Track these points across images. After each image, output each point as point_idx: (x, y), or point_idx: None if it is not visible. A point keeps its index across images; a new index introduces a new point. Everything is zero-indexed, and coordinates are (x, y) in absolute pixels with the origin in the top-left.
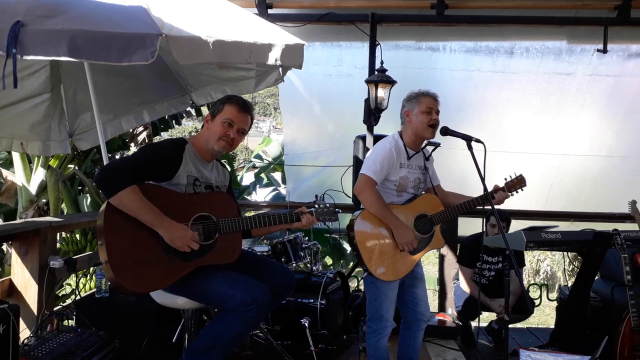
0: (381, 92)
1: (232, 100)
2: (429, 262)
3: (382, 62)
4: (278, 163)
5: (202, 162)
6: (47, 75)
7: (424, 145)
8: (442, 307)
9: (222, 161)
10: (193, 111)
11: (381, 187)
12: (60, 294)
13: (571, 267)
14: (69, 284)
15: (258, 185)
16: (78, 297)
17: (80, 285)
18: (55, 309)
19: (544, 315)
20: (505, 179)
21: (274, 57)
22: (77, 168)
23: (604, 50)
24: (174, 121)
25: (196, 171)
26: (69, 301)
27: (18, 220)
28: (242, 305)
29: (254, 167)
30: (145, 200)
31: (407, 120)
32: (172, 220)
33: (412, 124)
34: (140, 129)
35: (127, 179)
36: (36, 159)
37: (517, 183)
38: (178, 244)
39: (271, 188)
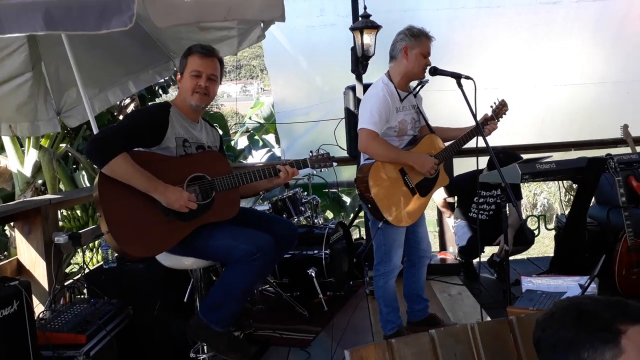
0: (367, 39)
1: (193, 50)
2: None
3: (365, 8)
4: (270, 123)
5: (189, 122)
6: (26, 53)
7: (415, 85)
8: (443, 247)
9: (215, 125)
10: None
11: (382, 135)
12: (70, 272)
13: (567, 197)
14: (77, 263)
15: (253, 149)
16: (87, 271)
17: (87, 259)
18: (66, 283)
19: (543, 247)
20: (491, 106)
21: (253, 12)
22: (69, 146)
23: None
24: (160, 90)
25: (184, 132)
26: (78, 276)
27: (17, 201)
28: (247, 255)
29: (247, 131)
30: (138, 167)
31: (404, 56)
32: (167, 184)
33: (408, 61)
34: (128, 100)
35: (117, 147)
36: (27, 140)
37: (502, 108)
38: (176, 205)
39: (266, 150)
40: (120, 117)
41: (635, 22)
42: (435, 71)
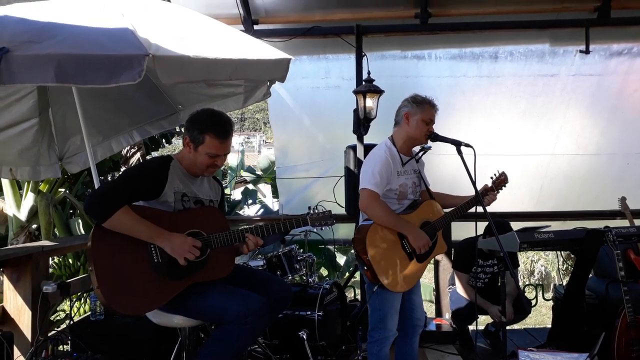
0: (369, 102)
1: (211, 131)
2: None
3: (369, 73)
4: (267, 175)
5: (189, 177)
6: (34, 100)
7: (418, 150)
8: (438, 313)
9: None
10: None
11: (383, 197)
12: (54, 320)
13: (565, 266)
14: (63, 310)
15: (250, 201)
16: (72, 322)
17: (75, 310)
18: (49, 334)
19: (541, 316)
20: (492, 178)
21: (257, 72)
22: (68, 191)
23: (587, 51)
24: (164, 140)
25: (183, 186)
26: (63, 326)
27: (9, 247)
28: (239, 318)
29: (245, 181)
30: (139, 218)
31: (406, 121)
32: (170, 232)
33: (410, 127)
34: (133, 150)
35: (118, 201)
36: (26, 184)
37: (502, 180)
38: (179, 251)
39: (259, 205)
40: (123, 168)
41: (630, 97)
42: (435, 137)
